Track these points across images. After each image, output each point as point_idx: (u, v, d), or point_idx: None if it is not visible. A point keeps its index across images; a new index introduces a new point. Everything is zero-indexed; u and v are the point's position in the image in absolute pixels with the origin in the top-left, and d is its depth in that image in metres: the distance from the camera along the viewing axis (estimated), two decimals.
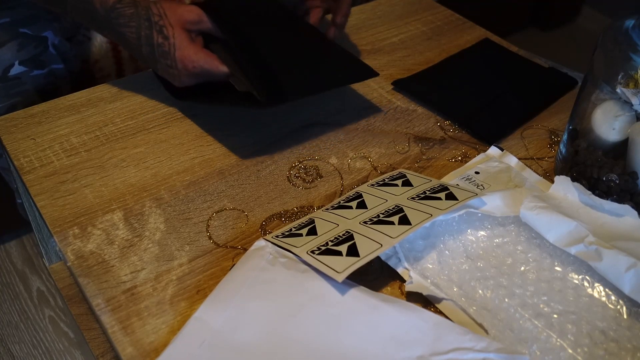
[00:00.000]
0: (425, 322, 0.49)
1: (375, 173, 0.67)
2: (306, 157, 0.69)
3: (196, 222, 0.60)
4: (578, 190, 0.58)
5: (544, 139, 0.73)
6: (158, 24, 0.65)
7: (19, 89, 0.83)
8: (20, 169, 0.64)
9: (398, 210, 0.56)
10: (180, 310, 0.52)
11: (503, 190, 0.59)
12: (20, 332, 1.19)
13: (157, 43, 0.65)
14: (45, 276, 1.29)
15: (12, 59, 0.82)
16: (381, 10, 0.94)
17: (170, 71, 0.67)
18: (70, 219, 0.59)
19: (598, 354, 0.48)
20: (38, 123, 0.70)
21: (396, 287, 0.55)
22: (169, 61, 0.66)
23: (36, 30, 0.83)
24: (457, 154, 0.70)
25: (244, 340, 0.48)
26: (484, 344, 0.47)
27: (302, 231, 0.56)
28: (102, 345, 0.67)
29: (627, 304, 0.52)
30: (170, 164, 0.66)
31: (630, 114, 0.57)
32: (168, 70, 0.67)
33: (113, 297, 0.53)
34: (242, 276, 0.52)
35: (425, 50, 0.87)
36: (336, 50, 0.76)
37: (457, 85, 0.80)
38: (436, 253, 0.56)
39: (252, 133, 0.71)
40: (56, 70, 0.86)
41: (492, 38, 0.89)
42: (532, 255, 0.56)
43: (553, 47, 2.05)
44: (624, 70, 0.56)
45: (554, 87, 0.80)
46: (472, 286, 0.54)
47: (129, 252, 0.57)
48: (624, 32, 0.58)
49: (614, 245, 0.53)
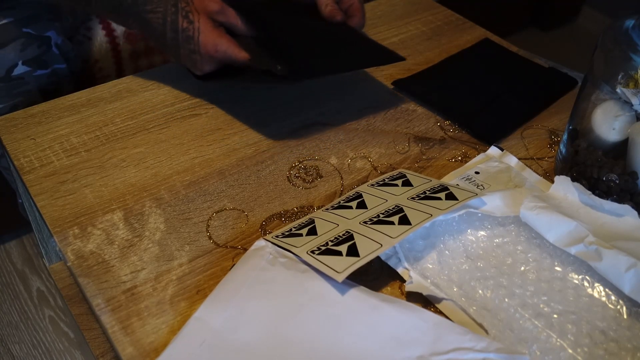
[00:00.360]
0: (425, 322, 0.49)
1: (375, 173, 0.67)
2: (306, 157, 0.69)
3: (196, 222, 0.60)
4: (578, 190, 0.58)
5: (544, 139, 0.73)
6: (184, 10, 0.67)
7: (22, 88, 0.83)
8: (20, 169, 0.64)
9: (398, 210, 0.56)
10: (180, 310, 0.52)
11: (503, 190, 0.59)
12: (20, 332, 1.19)
13: (182, 28, 0.67)
14: (45, 276, 1.29)
15: (15, 58, 0.82)
16: (381, 10, 0.94)
17: (193, 56, 0.68)
18: (70, 219, 0.59)
19: (598, 354, 0.48)
20: (38, 123, 0.70)
21: (396, 287, 0.55)
22: (192, 46, 0.68)
23: (39, 30, 0.84)
24: (457, 154, 0.70)
25: (244, 340, 0.48)
26: (484, 344, 0.47)
27: (302, 231, 0.56)
28: (102, 345, 0.67)
29: (627, 304, 0.52)
30: (170, 164, 0.66)
31: (630, 114, 0.57)
32: (191, 56, 0.69)
33: (113, 297, 0.53)
34: (242, 276, 0.52)
35: (425, 50, 0.87)
36: (361, 35, 0.78)
37: (457, 85, 0.80)
38: (436, 253, 0.56)
39: (252, 133, 0.71)
40: (59, 70, 0.86)
41: (492, 38, 0.89)
42: (532, 255, 0.56)
43: (553, 47, 2.05)
44: (624, 70, 0.56)
45: (554, 87, 0.80)
46: (472, 286, 0.54)
47: (129, 252, 0.57)
48: (624, 32, 0.58)
49: (614, 245, 0.53)
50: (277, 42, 0.71)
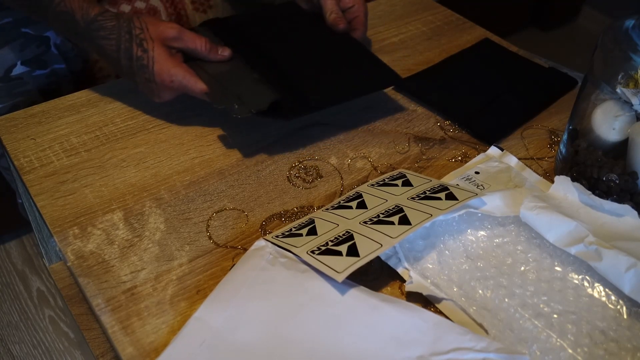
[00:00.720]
0: (425, 322, 0.49)
1: (375, 173, 0.67)
2: (306, 157, 0.69)
3: (196, 222, 0.60)
4: (578, 190, 0.58)
5: (544, 139, 0.73)
6: (139, 37, 0.66)
7: (21, 89, 0.83)
8: (20, 169, 0.64)
9: (398, 210, 0.56)
10: (180, 310, 0.52)
11: (503, 190, 0.59)
12: (20, 332, 1.19)
13: (137, 56, 0.66)
14: (45, 276, 1.29)
15: (14, 59, 0.82)
16: (381, 10, 0.94)
17: (149, 85, 0.67)
18: (70, 219, 0.59)
19: (598, 354, 0.48)
20: (38, 123, 0.70)
21: (396, 287, 0.55)
22: (147, 74, 0.66)
23: (38, 30, 0.83)
24: (457, 154, 0.70)
25: (244, 340, 0.48)
26: (484, 344, 0.47)
27: (302, 231, 0.56)
28: (102, 345, 0.67)
29: (627, 304, 0.52)
30: (170, 164, 0.66)
31: (630, 114, 0.57)
32: (146, 85, 0.67)
33: (113, 297, 0.53)
34: (242, 276, 0.52)
35: (425, 50, 0.87)
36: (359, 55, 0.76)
37: (457, 85, 0.80)
38: (436, 253, 0.56)
39: (252, 133, 0.71)
40: (58, 70, 0.86)
41: (492, 38, 0.89)
42: (532, 255, 0.56)
43: (553, 47, 2.05)
44: (624, 70, 0.56)
45: (554, 87, 0.80)
46: (472, 286, 0.54)
47: (129, 252, 0.57)
48: (624, 32, 0.58)
49: (614, 245, 0.53)
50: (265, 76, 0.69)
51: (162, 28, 0.67)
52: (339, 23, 0.76)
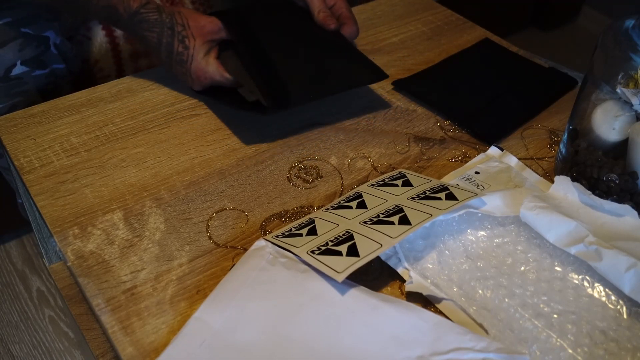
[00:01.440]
0: (425, 322, 0.49)
1: (375, 173, 0.67)
2: (306, 157, 0.69)
3: (196, 222, 0.60)
4: (578, 190, 0.58)
5: (544, 139, 0.73)
6: (181, 34, 0.69)
7: (21, 88, 0.83)
8: (20, 169, 0.64)
9: (398, 210, 0.56)
10: (180, 310, 0.52)
11: (503, 190, 0.59)
12: (20, 332, 1.19)
13: (177, 52, 0.69)
14: (45, 276, 1.29)
15: (13, 59, 0.82)
16: (381, 10, 0.94)
17: (184, 76, 0.71)
18: (70, 219, 0.59)
19: (598, 354, 0.48)
20: (38, 123, 0.70)
21: (396, 287, 0.55)
22: (184, 69, 0.70)
23: (37, 30, 0.83)
24: (457, 154, 0.70)
25: (244, 340, 0.48)
26: (484, 344, 0.47)
27: (302, 231, 0.56)
28: (102, 345, 0.67)
29: (627, 304, 0.52)
30: (170, 164, 0.66)
31: (630, 114, 0.57)
32: (182, 75, 0.71)
33: (113, 297, 0.53)
34: (242, 276, 0.52)
35: (425, 50, 0.87)
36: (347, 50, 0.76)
37: (457, 85, 0.80)
38: (436, 253, 0.56)
39: (252, 133, 0.71)
40: (57, 70, 0.86)
41: (492, 38, 0.89)
42: (532, 255, 0.56)
43: (553, 47, 2.05)
44: (624, 70, 0.56)
45: (554, 87, 0.80)
46: (472, 286, 0.54)
47: (129, 252, 0.57)
48: (624, 32, 0.58)
49: (614, 245, 0.53)
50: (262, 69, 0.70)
51: (203, 23, 0.70)
52: (329, 23, 0.77)
